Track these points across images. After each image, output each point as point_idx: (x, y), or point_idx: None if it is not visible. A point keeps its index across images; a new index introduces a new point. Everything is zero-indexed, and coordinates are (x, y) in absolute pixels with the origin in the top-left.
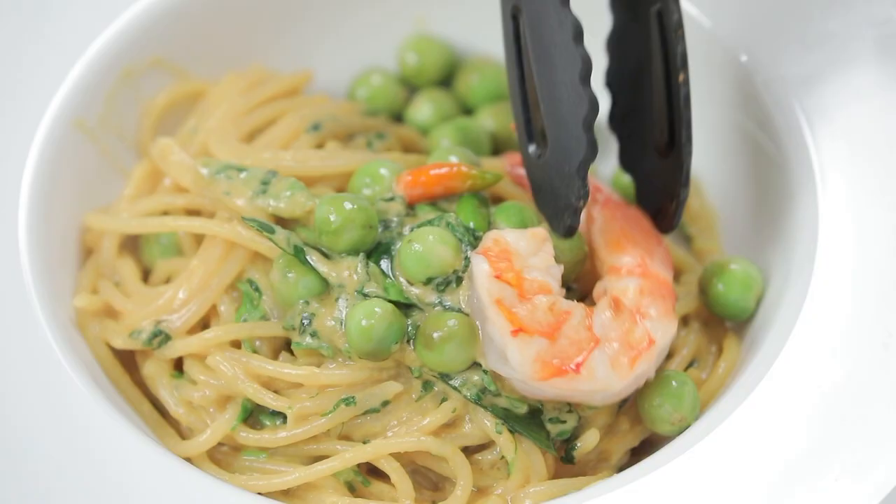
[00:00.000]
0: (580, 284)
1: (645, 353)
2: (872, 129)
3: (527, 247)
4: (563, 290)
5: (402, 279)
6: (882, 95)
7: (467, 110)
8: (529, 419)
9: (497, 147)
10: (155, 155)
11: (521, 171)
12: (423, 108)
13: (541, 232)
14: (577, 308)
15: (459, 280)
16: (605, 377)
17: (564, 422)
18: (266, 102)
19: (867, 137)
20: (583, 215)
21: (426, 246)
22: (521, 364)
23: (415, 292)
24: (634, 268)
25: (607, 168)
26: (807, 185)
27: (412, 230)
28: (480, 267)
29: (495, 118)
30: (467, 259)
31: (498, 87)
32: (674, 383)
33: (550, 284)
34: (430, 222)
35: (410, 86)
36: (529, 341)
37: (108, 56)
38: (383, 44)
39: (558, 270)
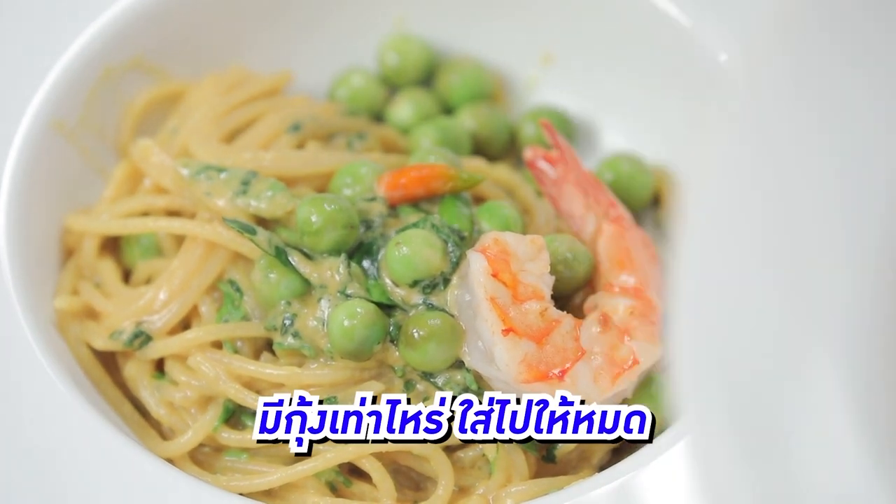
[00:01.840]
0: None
1: (627, 372)
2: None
3: (525, 251)
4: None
5: (387, 280)
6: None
7: (448, 110)
8: None
9: (477, 147)
10: (135, 156)
11: (545, 165)
12: (404, 108)
13: (539, 239)
14: (566, 318)
15: (446, 282)
16: (586, 389)
17: None
18: (246, 103)
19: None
20: (591, 226)
21: (413, 249)
22: (507, 364)
23: (400, 294)
24: (630, 288)
25: (600, 153)
26: None
27: (397, 233)
28: (478, 263)
29: (476, 118)
30: (454, 262)
31: (478, 86)
32: (652, 385)
33: (543, 291)
34: (415, 225)
35: (391, 85)
36: (518, 343)
37: (88, 57)
38: (363, 44)
39: (552, 280)
